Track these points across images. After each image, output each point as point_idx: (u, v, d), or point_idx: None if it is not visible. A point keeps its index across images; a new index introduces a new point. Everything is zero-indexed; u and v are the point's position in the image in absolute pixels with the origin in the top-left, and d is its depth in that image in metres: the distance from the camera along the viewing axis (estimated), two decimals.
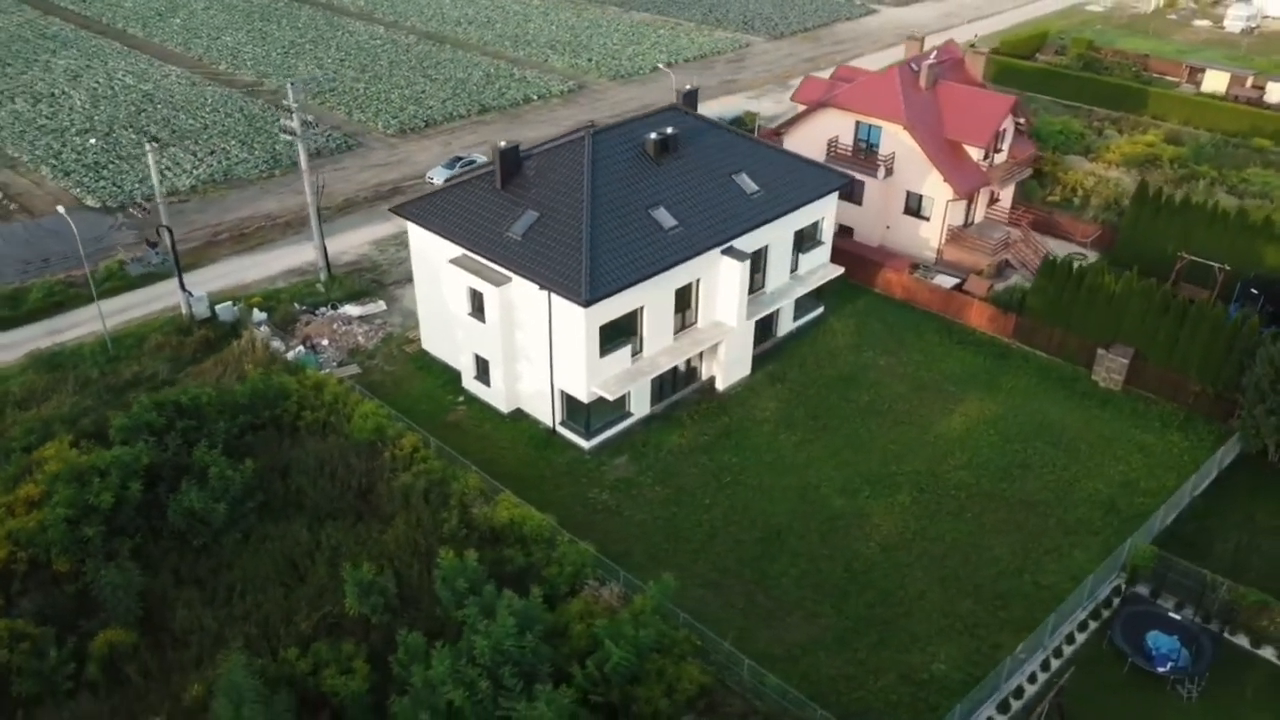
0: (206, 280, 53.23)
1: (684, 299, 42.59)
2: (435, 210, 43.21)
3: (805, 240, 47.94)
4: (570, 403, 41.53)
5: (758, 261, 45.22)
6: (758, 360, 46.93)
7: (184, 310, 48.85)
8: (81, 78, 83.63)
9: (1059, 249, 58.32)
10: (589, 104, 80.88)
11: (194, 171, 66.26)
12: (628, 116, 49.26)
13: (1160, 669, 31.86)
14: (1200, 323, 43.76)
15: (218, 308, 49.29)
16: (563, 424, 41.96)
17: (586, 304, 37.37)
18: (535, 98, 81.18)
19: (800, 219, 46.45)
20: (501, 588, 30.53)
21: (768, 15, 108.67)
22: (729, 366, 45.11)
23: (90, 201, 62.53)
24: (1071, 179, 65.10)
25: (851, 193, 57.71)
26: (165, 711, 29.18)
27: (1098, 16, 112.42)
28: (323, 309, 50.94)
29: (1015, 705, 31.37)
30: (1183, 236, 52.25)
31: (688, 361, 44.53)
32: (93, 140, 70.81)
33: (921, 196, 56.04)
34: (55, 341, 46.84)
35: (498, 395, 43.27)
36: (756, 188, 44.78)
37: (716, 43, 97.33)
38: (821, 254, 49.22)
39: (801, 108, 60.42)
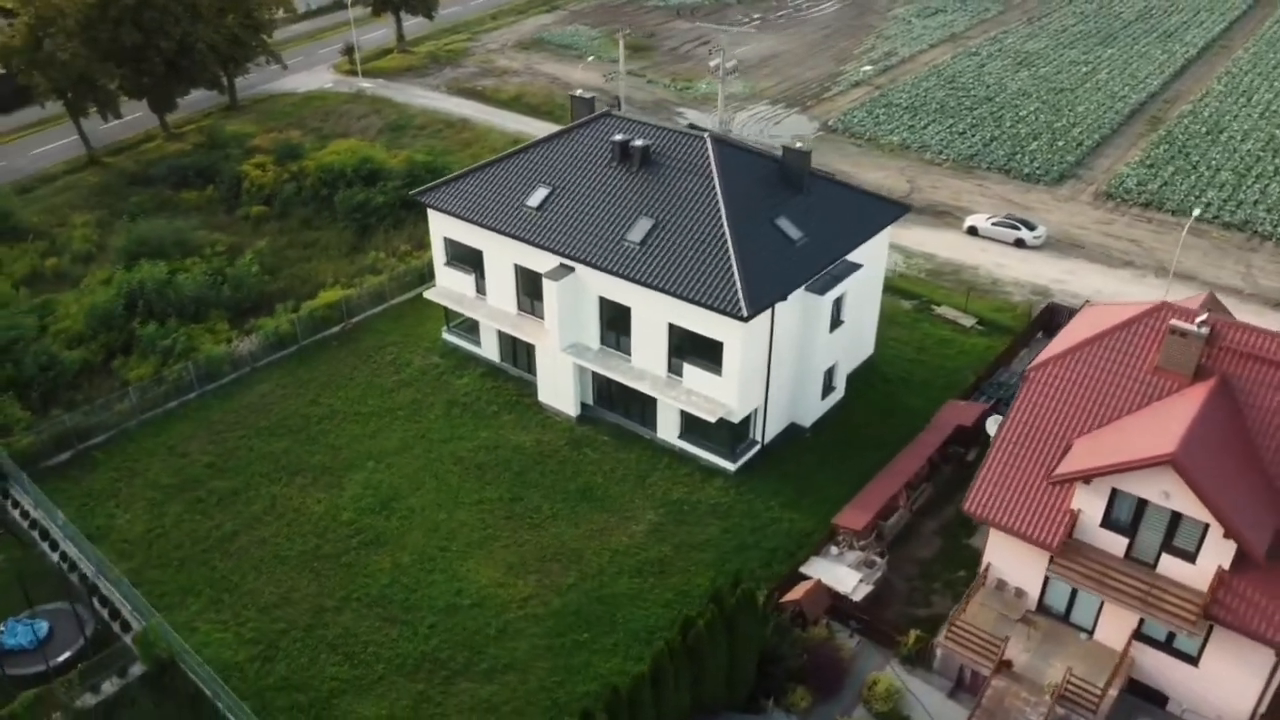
0: None
1: (530, 285, 42.11)
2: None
3: (693, 350, 38.02)
4: None
5: (618, 315, 39.88)
6: (613, 427, 41.83)
7: None
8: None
9: None
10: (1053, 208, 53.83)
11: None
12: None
13: None
14: None
15: None
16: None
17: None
18: (1005, 171, 57.65)
19: (674, 311, 37.57)
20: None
21: None
22: (543, 381, 42.63)
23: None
24: None
25: None
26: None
27: None
28: None
29: None
30: None
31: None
32: (867, 68, 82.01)
33: None
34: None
35: None
36: (638, 241, 38.45)
37: None
38: (720, 389, 37.63)
39: None
